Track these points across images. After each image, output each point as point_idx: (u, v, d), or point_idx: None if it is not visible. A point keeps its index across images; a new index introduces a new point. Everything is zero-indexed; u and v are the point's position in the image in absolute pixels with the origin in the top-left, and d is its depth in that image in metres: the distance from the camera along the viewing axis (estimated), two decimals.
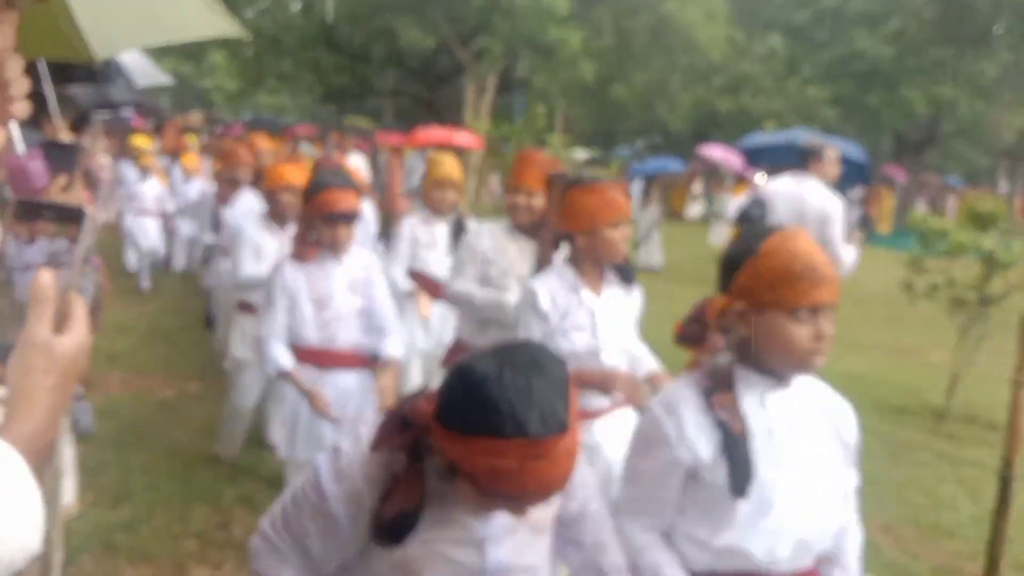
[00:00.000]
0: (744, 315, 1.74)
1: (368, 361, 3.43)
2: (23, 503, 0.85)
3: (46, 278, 0.92)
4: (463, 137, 14.41)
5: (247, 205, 5.29)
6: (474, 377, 1.35)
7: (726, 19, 25.53)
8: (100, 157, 11.15)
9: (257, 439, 5.08)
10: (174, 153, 11.78)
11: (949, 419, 6.52)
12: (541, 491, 1.37)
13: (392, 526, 1.49)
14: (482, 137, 12.56)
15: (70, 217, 0.97)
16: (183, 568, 3.65)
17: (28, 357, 0.91)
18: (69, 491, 3.91)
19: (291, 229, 4.09)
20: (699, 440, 1.75)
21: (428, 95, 24.75)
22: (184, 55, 28.69)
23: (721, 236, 12.77)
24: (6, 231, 0.96)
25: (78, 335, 0.94)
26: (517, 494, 1.36)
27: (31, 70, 1.22)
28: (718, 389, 1.77)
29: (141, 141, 10.71)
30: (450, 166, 4.76)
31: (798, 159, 5.57)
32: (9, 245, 0.96)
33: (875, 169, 26.66)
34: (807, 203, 5.33)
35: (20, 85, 1.20)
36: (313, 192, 3.28)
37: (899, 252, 8.59)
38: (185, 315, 8.16)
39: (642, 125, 33.16)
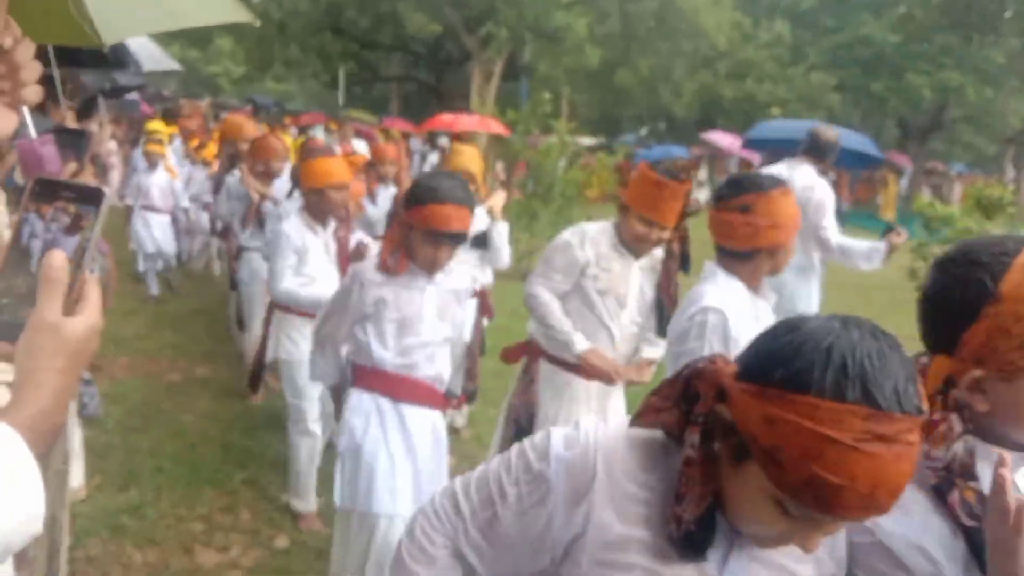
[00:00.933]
0: (982, 383, 1.23)
1: (445, 400, 3.05)
2: (24, 486, 0.84)
3: (59, 259, 0.90)
4: (490, 126, 14.05)
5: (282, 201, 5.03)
6: (812, 327, 1.06)
7: (731, 5, 25.42)
8: (108, 143, 11.08)
9: (264, 423, 5.13)
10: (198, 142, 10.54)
11: None
12: (863, 497, 1.00)
13: (696, 532, 1.15)
14: (507, 125, 12.44)
15: (89, 197, 0.95)
16: (190, 551, 3.69)
17: (36, 339, 0.90)
18: (77, 475, 3.95)
19: (332, 226, 3.98)
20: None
21: (434, 82, 24.73)
22: (190, 40, 28.68)
23: None
24: (25, 210, 0.95)
25: (90, 317, 0.93)
26: (830, 494, 1.00)
27: (41, 55, 1.22)
28: (955, 484, 1.24)
29: (157, 126, 9.91)
30: (468, 157, 4.56)
31: (800, 147, 5.54)
32: (32, 223, 0.95)
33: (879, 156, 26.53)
34: (796, 190, 5.31)
35: (31, 70, 1.20)
36: (421, 200, 2.70)
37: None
38: (192, 299, 8.19)
39: (647, 111, 33.07)
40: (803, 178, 5.29)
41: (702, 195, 21.37)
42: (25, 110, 1.13)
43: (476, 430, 5.17)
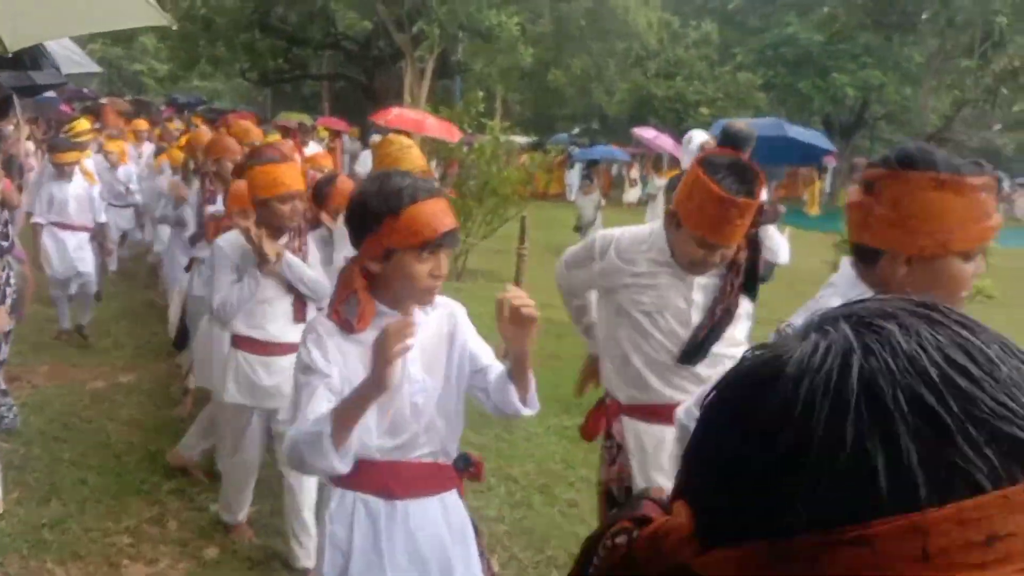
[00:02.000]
0: None
1: (455, 477, 2.23)
2: None
3: None
4: (439, 127, 12.88)
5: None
6: None
7: (660, 4, 25.79)
8: (24, 144, 10.65)
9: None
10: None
11: None
12: None
13: None
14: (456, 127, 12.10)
15: None
16: (116, 566, 3.56)
17: None
18: None
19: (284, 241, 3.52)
20: None
21: (366, 80, 24.48)
22: (113, 39, 27.88)
23: (656, 216, 12.94)
24: None
25: None
26: None
27: None
28: None
29: (83, 125, 8.75)
30: (417, 153, 3.91)
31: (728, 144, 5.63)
32: None
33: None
34: None
35: None
36: (392, 208, 1.96)
37: (828, 233, 8.81)
38: (115, 302, 7.95)
39: (580, 110, 33.33)
40: None
41: (633, 193, 21.64)
42: None
43: None
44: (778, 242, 5.33)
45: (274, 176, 3.40)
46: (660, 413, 2.50)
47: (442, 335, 2.18)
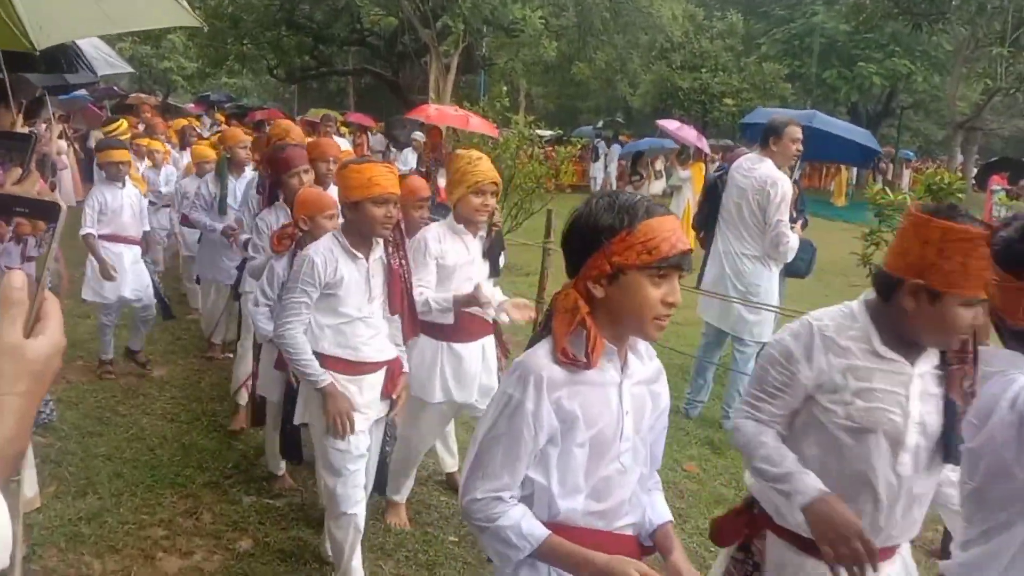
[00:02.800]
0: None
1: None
2: None
3: (18, 279, 0.87)
4: (481, 124, 12.14)
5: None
6: None
7: None
8: (59, 142, 10.78)
9: (224, 424, 5.07)
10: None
11: None
12: None
13: None
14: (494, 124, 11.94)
15: (44, 213, 0.92)
16: (151, 558, 3.62)
17: None
18: (30, 483, 3.86)
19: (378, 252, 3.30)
20: None
21: (391, 75, 24.54)
22: (142, 37, 28.14)
23: (680, 207, 12.87)
24: None
25: (52, 337, 0.90)
26: None
27: None
28: None
29: (121, 126, 8.95)
30: (486, 166, 3.69)
31: (760, 136, 5.62)
32: None
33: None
34: (754, 181, 5.38)
35: None
36: (626, 223, 1.73)
37: (855, 224, 8.72)
38: None
39: (604, 103, 33.22)
40: (767, 171, 5.36)
41: (658, 185, 21.56)
42: None
43: None
44: (780, 228, 5.32)
45: (369, 176, 3.10)
46: (813, 550, 2.04)
47: (650, 392, 1.92)
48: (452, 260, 3.65)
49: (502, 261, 4.14)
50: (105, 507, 4.01)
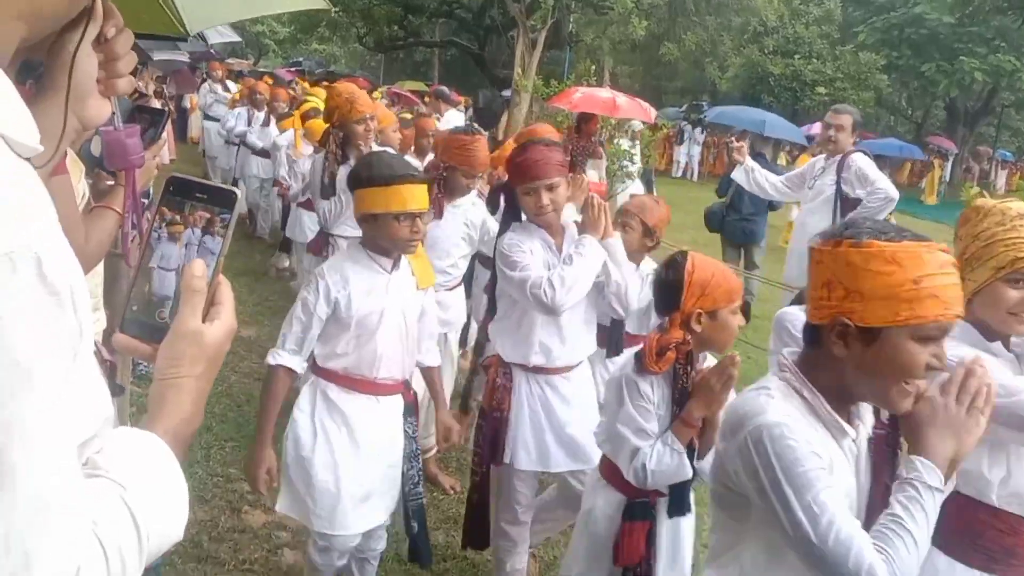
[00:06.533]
0: None
1: None
2: (175, 498, 0.90)
3: (199, 267, 0.94)
4: (631, 107, 10.64)
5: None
6: None
7: None
8: (153, 102, 11.16)
9: None
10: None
11: None
12: None
13: None
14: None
15: (221, 200, 0.97)
16: (238, 511, 3.82)
17: (179, 346, 0.93)
18: None
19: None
20: None
21: (477, 49, 24.59)
22: None
23: None
24: (159, 212, 0.98)
25: (226, 322, 0.97)
26: None
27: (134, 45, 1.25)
28: None
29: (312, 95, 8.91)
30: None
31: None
32: (158, 235, 0.98)
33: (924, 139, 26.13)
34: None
35: (128, 61, 1.21)
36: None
37: (942, 224, 8.46)
38: (237, 260, 8.31)
39: (691, 85, 32.73)
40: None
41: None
42: (114, 100, 1.15)
43: None
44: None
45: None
46: None
47: None
48: None
49: None
50: (195, 459, 4.21)
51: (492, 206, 3.60)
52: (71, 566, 0.72)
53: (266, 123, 9.12)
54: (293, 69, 24.16)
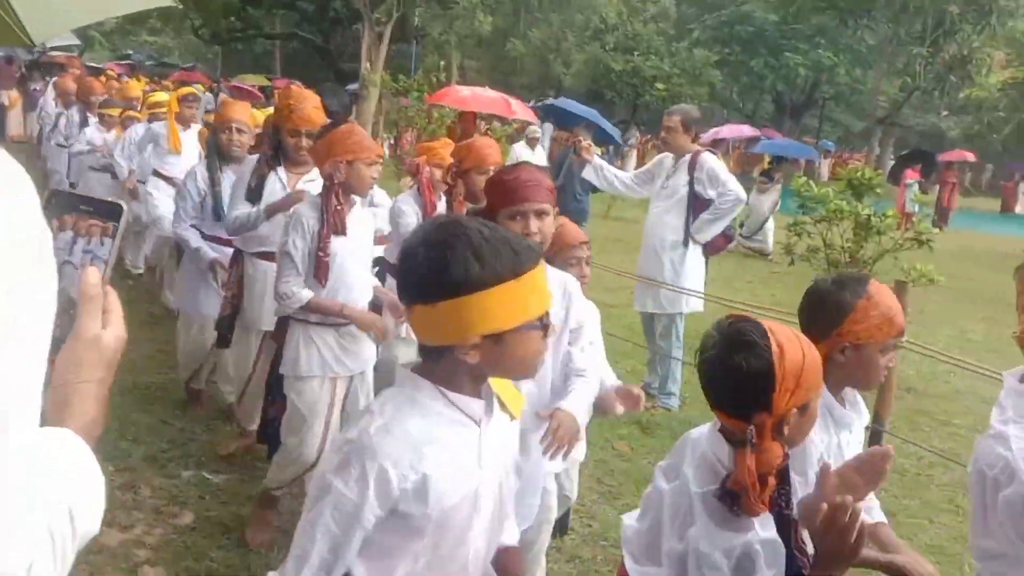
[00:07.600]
0: None
1: None
2: (97, 494, 0.92)
3: (95, 275, 0.96)
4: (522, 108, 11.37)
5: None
6: None
7: None
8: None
9: (160, 398, 5.04)
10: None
11: None
12: None
13: None
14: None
15: (108, 212, 0.99)
16: None
17: (80, 352, 0.95)
18: None
19: None
20: None
21: (321, 41, 24.12)
22: None
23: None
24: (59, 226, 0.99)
25: (117, 328, 0.99)
26: None
27: None
28: None
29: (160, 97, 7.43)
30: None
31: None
32: (58, 238, 0.97)
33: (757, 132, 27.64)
34: None
35: None
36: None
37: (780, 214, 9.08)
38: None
39: (537, 81, 33.29)
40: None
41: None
42: None
43: None
44: None
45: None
46: None
47: None
48: None
49: None
50: None
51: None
52: (26, 561, 0.74)
53: (84, 123, 7.46)
54: (124, 63, 22.94)
